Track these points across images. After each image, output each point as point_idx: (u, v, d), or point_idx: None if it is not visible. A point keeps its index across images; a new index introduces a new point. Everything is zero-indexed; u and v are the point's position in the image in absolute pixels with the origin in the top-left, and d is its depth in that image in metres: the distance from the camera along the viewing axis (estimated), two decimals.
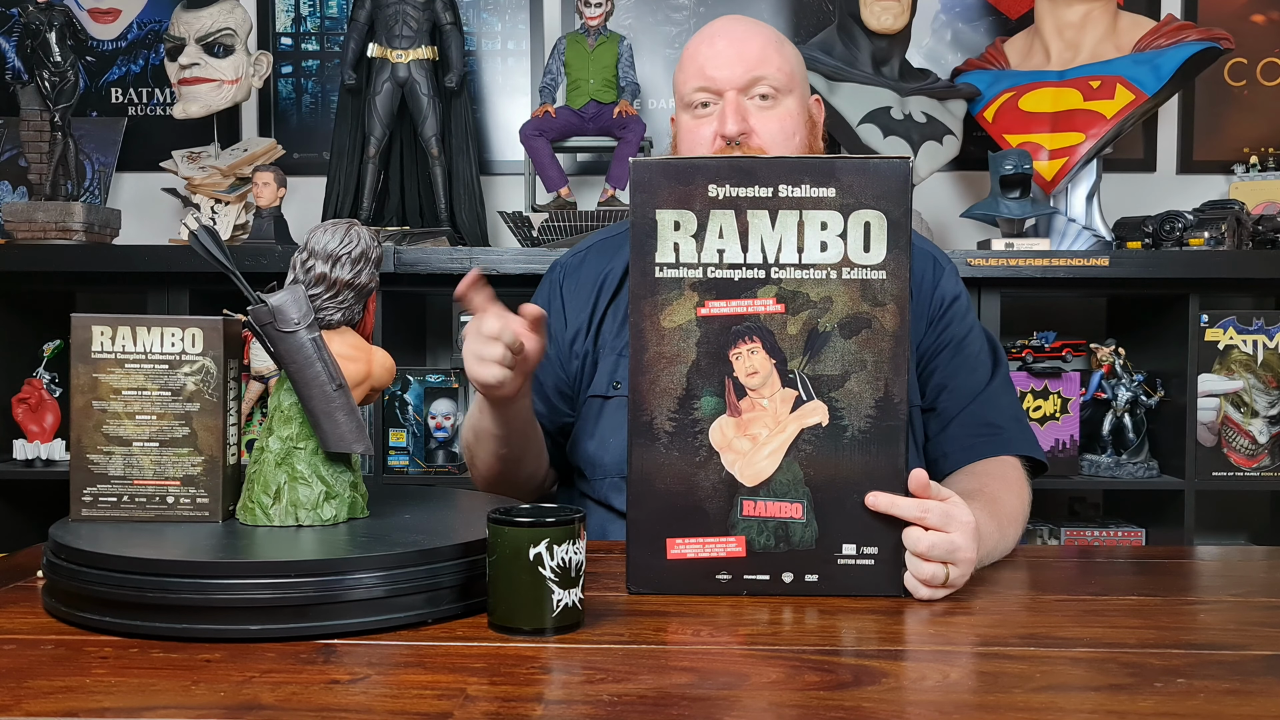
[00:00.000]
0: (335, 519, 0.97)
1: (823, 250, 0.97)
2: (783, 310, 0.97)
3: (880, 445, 0.97)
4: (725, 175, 0.97)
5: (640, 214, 0.98)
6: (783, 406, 0.98)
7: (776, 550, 0.98)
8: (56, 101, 2.27)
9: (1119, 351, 2.25)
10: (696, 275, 0.97)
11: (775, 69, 1.29)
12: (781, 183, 0.97)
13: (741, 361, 0.98)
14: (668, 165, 0.98)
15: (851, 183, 0.96)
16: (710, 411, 0.98)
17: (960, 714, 0.70)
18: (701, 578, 0.98)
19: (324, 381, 0.94)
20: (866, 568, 0.98)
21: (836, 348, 0.97)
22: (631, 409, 0.99)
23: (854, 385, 0.97)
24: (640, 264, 0.98)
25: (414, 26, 2.35)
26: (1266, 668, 0.80)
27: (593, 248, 1.44)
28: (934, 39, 2.61)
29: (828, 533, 0.98)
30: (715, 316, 0.97)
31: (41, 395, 2.26)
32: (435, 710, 0.70)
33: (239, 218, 2.39)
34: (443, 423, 2.25)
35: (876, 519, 0.97)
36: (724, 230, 0.97)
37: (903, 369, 0.97)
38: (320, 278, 0.95)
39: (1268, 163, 2.53)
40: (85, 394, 0.98)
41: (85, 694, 0.72)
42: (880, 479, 0.97)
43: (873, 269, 0.97)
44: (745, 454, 0.98)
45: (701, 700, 0.73)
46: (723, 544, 0.98)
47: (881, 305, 0.97)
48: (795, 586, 0.98)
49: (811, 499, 0.98)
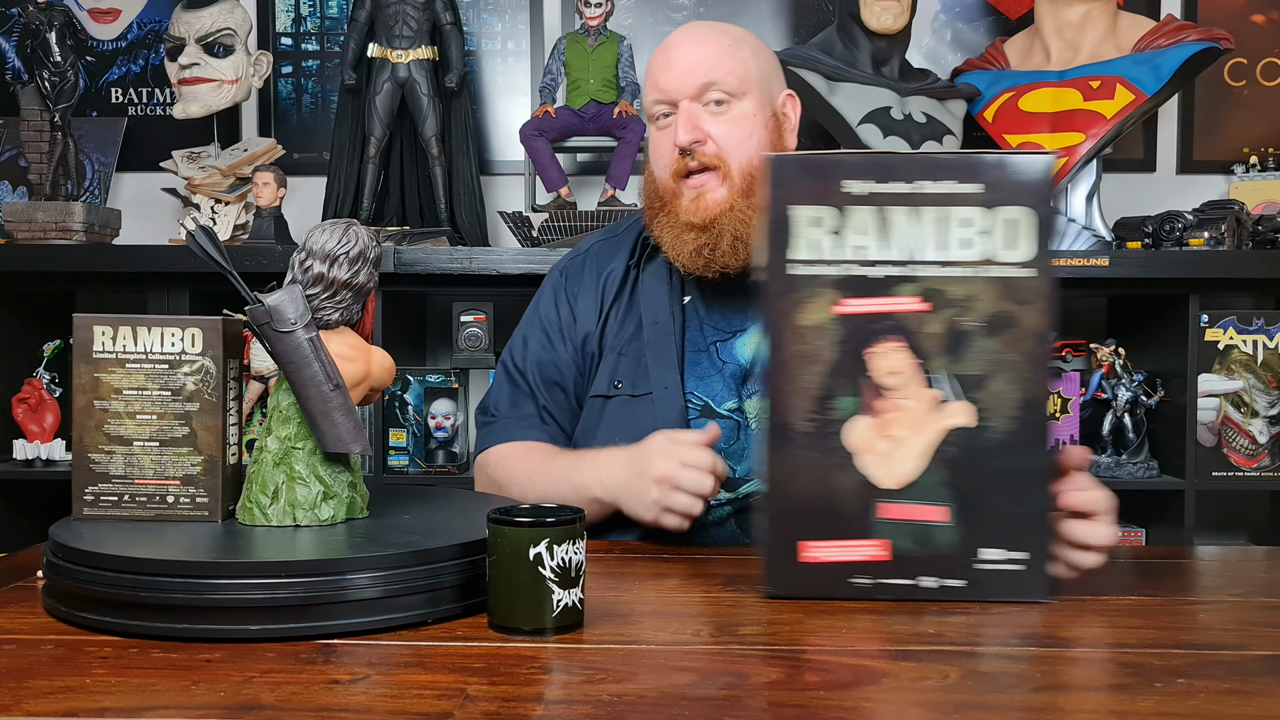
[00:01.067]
0: (333, 519, 0.97)
1: (965, 247, 0.94)
2: (925, 308, 0.95)
3: (1026, 446, 0.95)
4: (865, 171, 0.94)
5: (776, 210, 0.95)
6: (924, 407, 0.95)
7: (918, 554, 0.95)
8: (56, 101, 2.27)
9: (1119, 351, 2.25)
10: (834, 273, 0.95)
11: (725, 73, 1.28)
12: (923, 178, 0.94)
13: (881, 361, 0.95)
14: (805, 161, 0.96)
15: (995, 178, 0.94)
16: (848, 412, 0.95)
17: (960, 714, 0.70)
18: (837, 581, 0.96)
19: (321, 381, 0.94)
20: (1013, 572, 0.95)
21: (980, 347, 0.94)
22: (771, 408, 0.97)
23: (998, 386, 0.94)
24: (775, 261, 0.95)
25: (414, 26, 2.35)
26: (1266, 668, 0.80)
27: (592, 249, 1.45)
28: (934, 39, 2.61)
29: (971, 536, 0.95)
30: (854, 315, 0.95)
31: (41, 395, 2.26)
32: (435, 710, 0.70)
33: (239, 218, 2.39)
34: (443, 423, 2.25)
35: (1023, 522, 0.95)
36: (863, 227, 0.95)
37: (1045, 369, 0.95)
38: (318, 278, 0.95)
39: (1267, 163, 2.53)
40: (87, 393, 0.99)
41: (85, 694, 0.72)
42: (1026, 481, 0.95)
43: (1017, 266, 0.94)
44: (885, 455, 0.96)
45: (701, 700, 0.73)
46: (861, 547, 0.96)
47: (1026, 304, 0.94)
48: (937, 592, 0.96)
49: (954, 501, 0.95)
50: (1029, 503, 0.95)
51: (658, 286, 1.37)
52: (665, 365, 1.32)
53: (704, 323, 1.35)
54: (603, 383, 1.35)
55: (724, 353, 1.34)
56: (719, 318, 1.35)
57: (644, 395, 1.32)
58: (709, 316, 1.36)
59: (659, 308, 1.35)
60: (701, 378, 1.33)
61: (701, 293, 1.36)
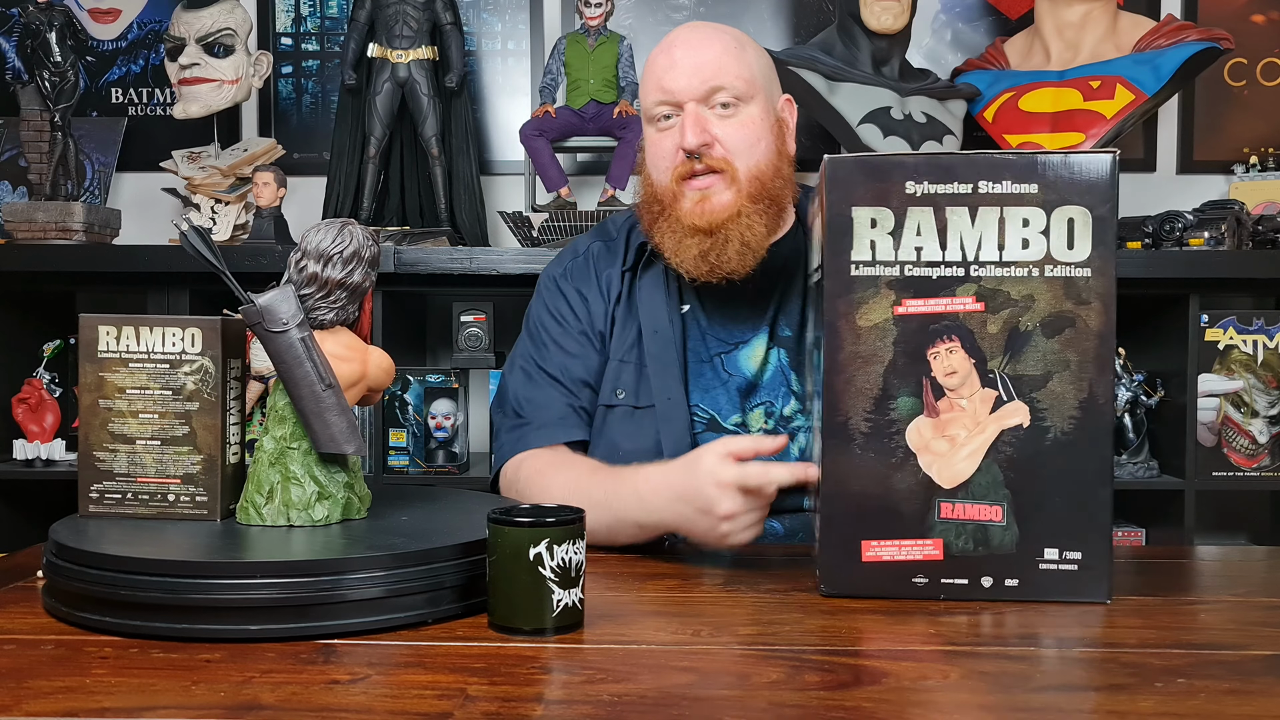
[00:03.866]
0: (327, 520, 0.97)
1: (1024, 247, 0.95)
2: (982, 309, 0.95)
3: (1085, 447, 0.95)
4: (924, 172, 0.95)
5: (835, 211, 0.96)
6: (982, 407, 0.95)
7: (975, 554, 0.96)
8: (56, 101, 2.27)
9: (1119, 351, 2.25)
10: (894, 273, 0.95)
11: (734, 77, 1.25)
12: (982, 179, 0.95)
13: (940, 361, 0.96)
14: (864, 162, 0.96)
15: (1055, 178, 0.94)
16: (907, 412, 0.96)
17: (960, 714, 0.70)
18: (896, 581, 0.97)
19: (313, 381, 0.94)
20: (1070, 573, 0.96)
21: (1038, 347, 0.95)
22: (826, 409, 0.97)
23: (1056, 386, 0.95)
24: (835, 262, 0.96)
25: (414, 26, 2.35)
26: (1266, 668, 0.80)
27: (590, 250, 1.41)
28: (934, 39, 2.61)
29: (1029, 536, 0.95)
30: (913, 315, 0.95)
31: (41, 395, 2.26)
32: (435, 710, 0.70)
33: (239, 218, 2.39)
34: (443, 423, 2.25)
35: (1081, 522, 0.95)
36: (922, 227, 0.95)
37: (1108, 369, 0.95)
38: (312, 277, 0.95)
39: (1268, 163, 2.53)
40: (92, 392, 1.00)
41: (85, 694, 0.72)
42: (1084, 481, 0.95)
43: (1076, 266, 0.94)
44: (943, 455, 0.96)
45: (701, 700, 0.73)
46: (920, 547, 0.96)
47: (1086, 304, 0.94)
48: (994, 591, 0.96)
49: (1012, 501, 0.95)
50: (1086, 503, 0.95)
51: (655, 294, 1.33)
52: (668, 377, 1.30)
53: (705, 333, 1.33)
54: (606, 391, 1.33)
55: (728, 365, 1.32)
56: (720, 328, 1.33)
57: (647, 407, 1.30)
58: (710, 327, 1.33)
59: (658, 317, 1.32)
60: (706, 390, 1.31)
61: (701, 302, 1.33)
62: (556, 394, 1.33)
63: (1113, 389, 0.95)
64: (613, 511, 1.14)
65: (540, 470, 1.27)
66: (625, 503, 1.14)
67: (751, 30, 2.57)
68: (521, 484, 1.28)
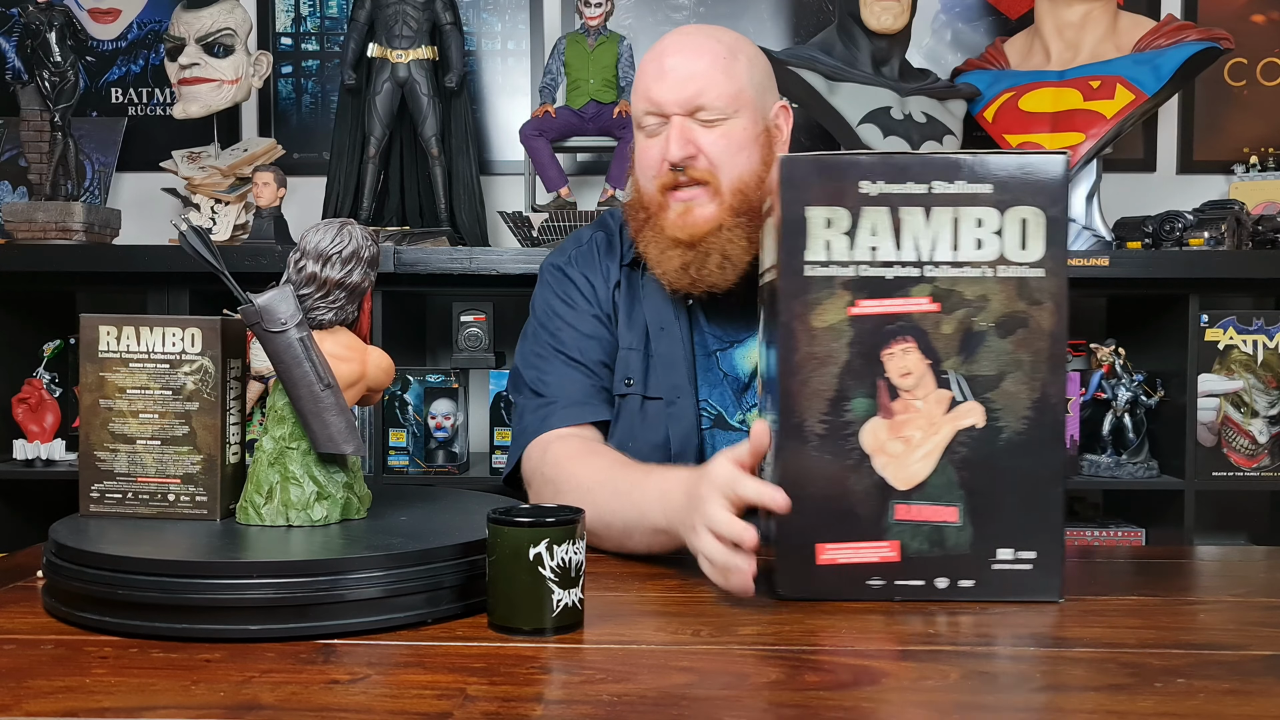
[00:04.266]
0: (326, 520, 0.97)
1: (978, 248, 0.95)
2: (938, 309, 0.95)
3: (1038, 446, 0.95)
4: (878, 172, 0.95)
5: (790, 211, 0.96)
6: (937, 408, 0.95)
7: (930, 555, 0.96)
8: (56, 101, 2.27)
9: (1119, 351, 2.25)
10: (848, 274, 0.95)
11: (719, 93, 1.24)
12: (936, 179, 0.95)
13: (895, 362, 0.95)
14: (819, 162, 0.96)
15: (1008, 179, 0.94)
16: (862, 413, 0.95)
17: (960, 714, 0.70)
18: (852, 584, 0.96)
19: (312, 381, 0.94)
20: (1024, 572, 0.96)
21: (992, 347, 0.95)
22: (782, 411, 0.96)
23: (1010, 386, 0.95)
24: (790, 263, 0.96)
25: (414, 26, 2.35)
26: (1266, 668, 0.80)
27: (594, 240, 1.40)
28: (934, 39, 2.61)
29: (983, 536, 0.96)
30: (867, 316, 0.95)
31: (41, 395, 2.26)
32: (435, 710, 0.70)
33: (239, 218, 2.39)
34: (443, 423, 2.25)
35: (1034, 522, 0.95)
36: (877, 227, 0.95)
37: (1060, 369, 0.95)
38: (311, 277, 0.95)
39: (1268, 163, 2.53)
40: (93, 392, 1.00)
41: (85, 694, 0.72)
42: (1038, 481, 0.95)
43: (1030, 266, 0.95)
44: (898, 456, 0.96)
45: (701, 700, 0.73)
46: (875, 549, 0.96)
47: (1039, 304, 0.95)
48: (949, 592, 0.96)
49: (967, 502, 0.96)
50: (1039, 502, 0.95)
51: (659, 289, 1.33)
52: (676, 371, 1.30)
53: (705, 330, 1.33)
54: (616, 379, 1.33)
55: (723, 363, 1.32)
56: (718, 326, 1.33)
57: (655, 399, 1.30)
58: (709, 325, 1.33)
59: (664, 312, 1.32)
60: (713, 385, 1.31)
61: (701, 298, 1.33)
62: (577, 374, 1.31)
63: (1064, 389, 0.96)
64: (635, 507, 1.10)
65: (569, 455, 1.22)
66: (648, 499, 1.08)
67: (751, 30, 2.57)
68: (549, 466, 1.23)
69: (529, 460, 1.29)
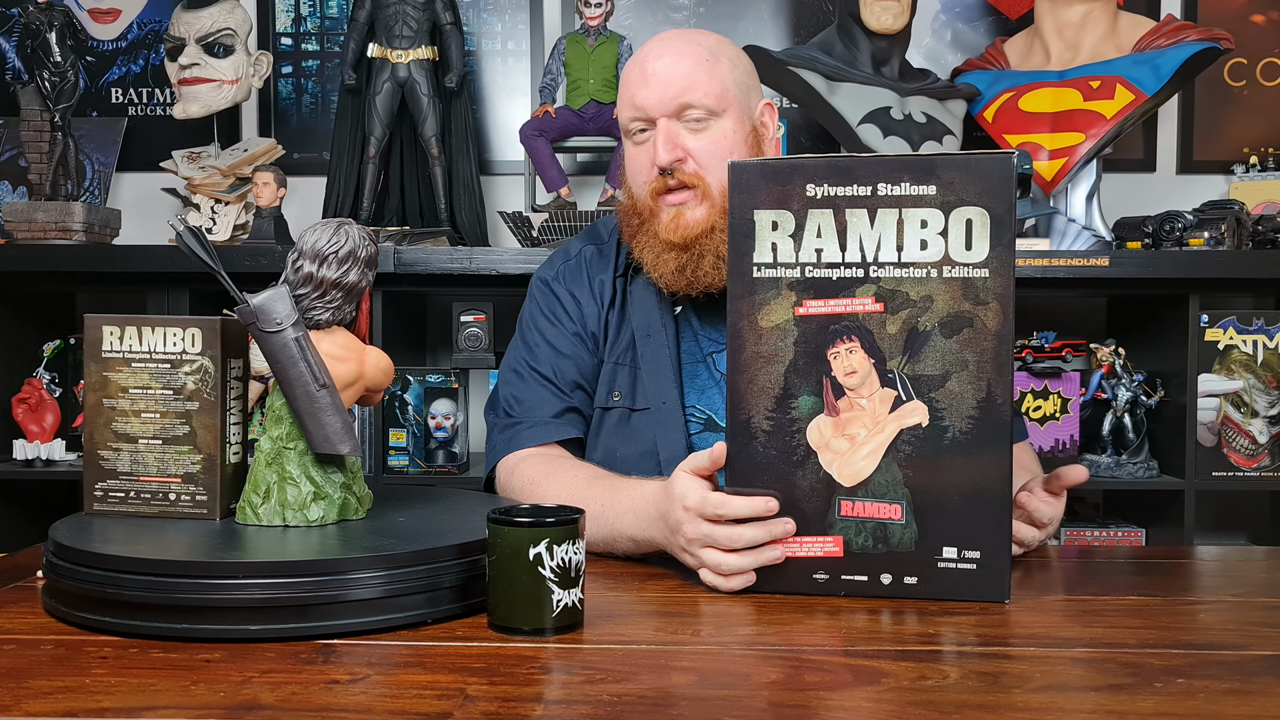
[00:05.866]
0: (322, 520, 0.97)
1: (923, 248, 0.96)
2: (881, 309, 0.96)
3: (983, 447, 0.95)
4: (823, 175, 0.96)
5: (738, 215, 0.98)
6: (881, 406, 0.96)
7: (875, 551, 0.97)
8: (56, 101, 2.27)
9: (1119, 351, 2.25)
10: (794, 275, 0.97)
11: (703, 93, 1.25)
12: (881, 181, 0.96)
13: (840, 361, 0.97)
14: (765, 166, 0.98)
15: (953, 179, 0.95)
16: (808, 411, 0.97)
17: (960, 714, 0.70)
18: (797, 577, 0.98)
19: (308, 381, 0.94)
20: (968, 572, 0.96)
21: (937, 347, 0.96)
22: (730, 407, 0.99)
23: (955, 385, 0.96)
24: (738, 264, 0.98)
25: (414, 26, 2.35)
26: (1266, 668, 0.80)
27: (582, 254, 1.40)
28: (934, 39, 2.61)
29: (928, 535, 0.96)
30: (813, 316, 0.97)
31: (41, 395, 2.26)
32: (435, 710, 0.70)
33: (239, 218, 2.39)
34: (443, 423, 2.25)
35: (979, 522, 0.96)
36: (822, 229, 0.97)
37: (1006, 369, 0.95)
38: (308, 277, 0.95)
39: (1267, 163, 2.53)
40: (96, 391, 1.00)
41: (85, 694, 0.72)
42: (983, 481, 0.95)
43: (975, 267, 0.95)
44: (843, 454, 0.97)
45: (701, 700, 0.73)
46: (820, 544, 0.98)
47: (984, 304, 0.95)
48: (894, 589, 0.97)
49: (911, 500, 0.96)
50: (984, 503, 0.96)
51: (647, 297, 1.33)
52: (662, 379, 1.30)
53: (698, 334, 1.33)
54: (602, 393, 1.33)
55: (720, 364, 1.31)
56: (712, 328, 1.33)
57: (642, 410, 1.30)
58: (703, 327, 1.33)
59: (650, 319, 1.33)
60: (702, 390, 1.31)
61: (693, 302, 1.33)
62: (548, 394, 1.33)
63: (1011, 389, 0.96)
64: (609, 526, 1.13)
65: (534, 479, 1.25)
66: (620, 517, 1.13)
67: (751, 31, 2.57)
68: (515, 490, 1.26)
69: (498, 480, 1.32)
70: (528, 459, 1.29)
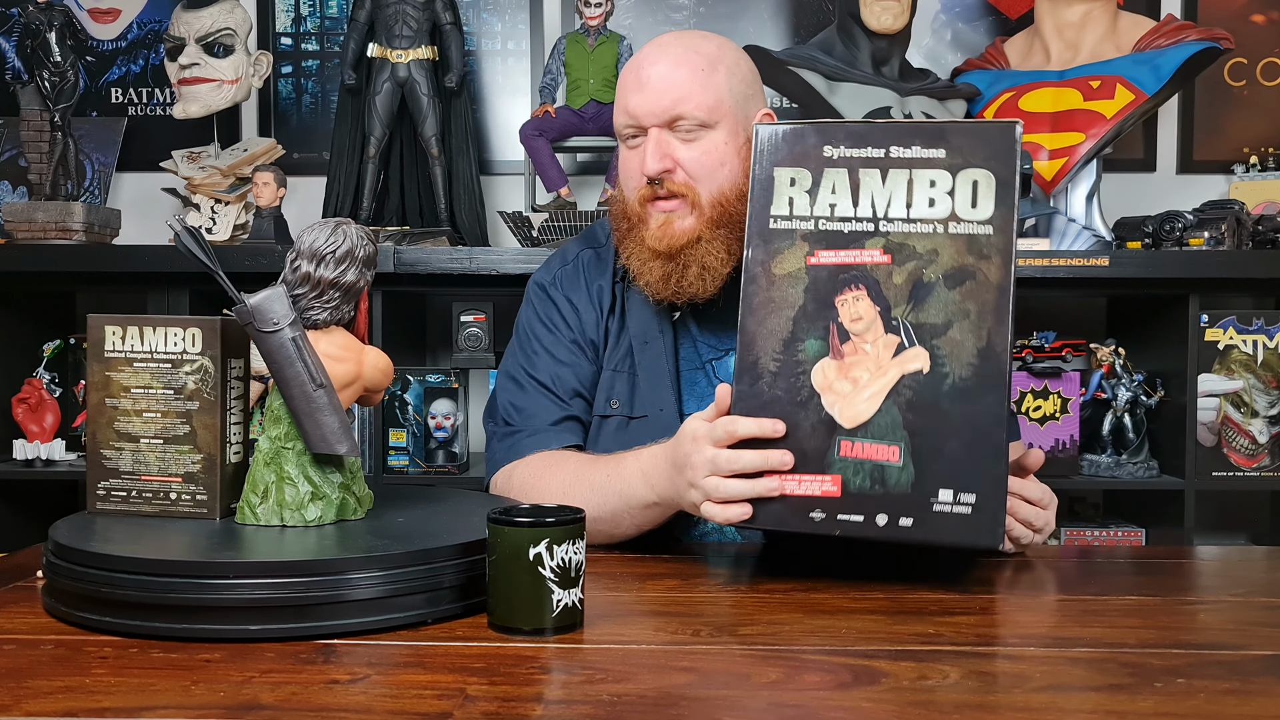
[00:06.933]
0: (320, 520, 0.97)
1: (930, 206, 1.00)
2: (889, 261, 1.00)
3: (981, 393, 0.97)
4: (840, 138, 1.03)
5: (760, 171, 1.04)
6: (885, 351, 0.99)
7: (872, 492, 0.98)
8: (56, 101, 2.27)
9: (1119, 351, 2.25)
10: (808, 227, 1.02)
11: (696, 105, 1.23)
12: (893, 144, 1.01)
13: (846, 308, 1.01)
14: (788, 130, 1.04)
15: (961, 144, 1.00)
16: (814, 354, 1.01)
17: (960, 714, 0.70)
18: (795, 514, 1.00)
19: (304, 381, 0.94)
20: (963, 515, 0.97)
21: (940, 297, 0.99)
22: (740, 349, 1.02)
23: (956, 334, 0.98)
24: (758, 216, 1.04)
25: (414, 26, 2.35)
26: (1266, 668, 0.80)
27: (580, 258, 1.40)
28: (934, 39, 2.61)
29: (924, 477, 0.98)
30: (824, 265, 1.02)
31: (41, 395, 2.26)
32: (435, 710, 0.70)
33: (239, 218, 2.39)
34: (443, 423, 2.25)
35: (975, 467, 0.97)
36: (836, 186, 1.02)
37: (1005, 320, 0.98)
38: (305, 277, 0.95)
39: (1268, 163, 2.53)
40: (99, 391, 1.00)
41: (85, 694, 0.72)
42: (980, 427, 0.97)
43: (979, 224, 0.99)
44: (845, 396, 1.00)
45: (701, 700, 0.73)
46: (818, 482, 0.99)
47: (986, 259, 0.98)
48: (889, 530, 0.98)
49: (909, 443, 0.98)
50: (981, 447, 0.97)
51: (645, 304, 1.32)
52: (660, 387, 1.29)
53: (697, 340, 1.32)
54: (600, 401, 1.32)
55: (720, 371, 1.31)
56: (711, 335, 1.32)
57: (640, 418, 1.29)
58: (702, 334, 1.33)
59: (648, 326, 1.32)
60: (701, 397, 1.30)
61: (693, 309, 1.32)
62: (548, 402, 1.32)
63: (1009, 339, 0.98)
64: (618, 494, 1.14)
65: (534, 474, 1.25)
66: (630, 483, 1.14)
67: (751, 31, 2.57)
68: (516, 487, 1.26)
69: (495, 487, 1.32)
70: (525, 462, 1.28)
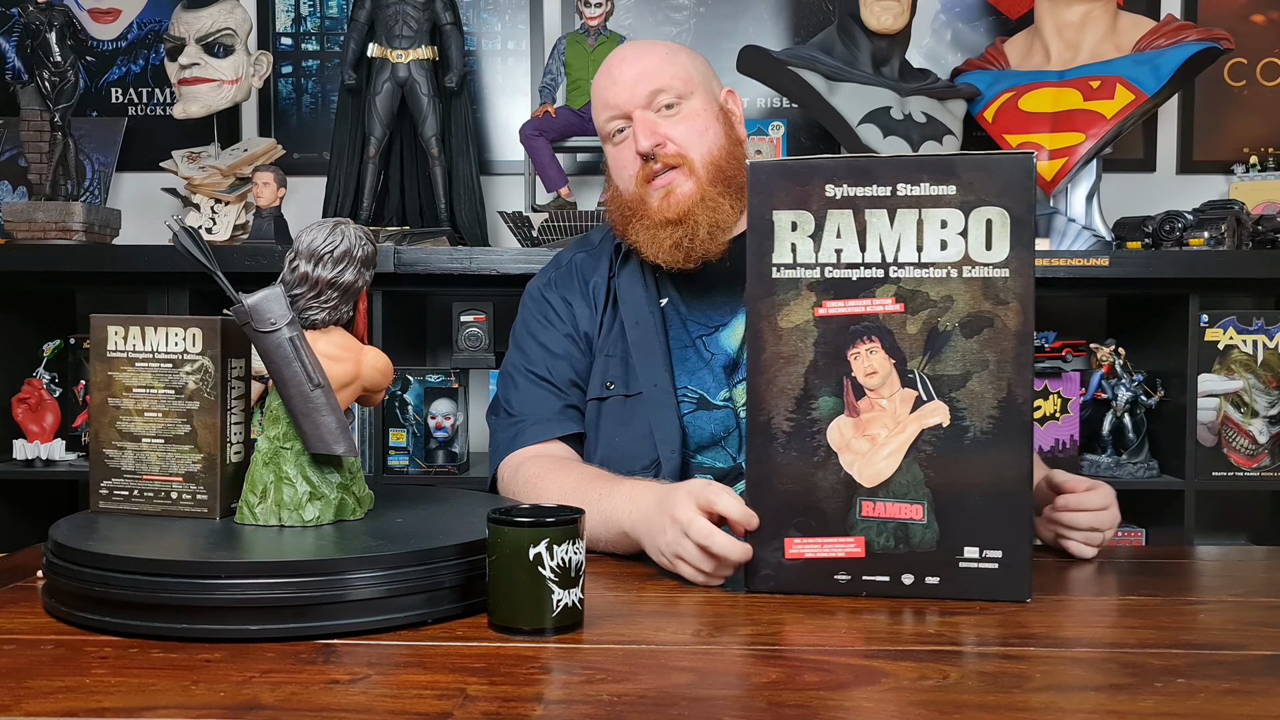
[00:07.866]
0: (318, 520, 0.97)
1: (943, 249, 0.96)
2: (902, 309, 0.96)
3: (1004, 446, 0.95)
4: (842, 175, 0.97)
5: (757, 216, 0.98)
6: (902, 407, 0.97)
7: (896, 551, 0.97)
8: (56, 101, 2.26)
9: (1119, 351, 2.25)
10: (814, 275, 0.97)
11: (670, 77, 1.33)
12: (900, 181, 0.96)
13: (860, 361, 0.97)
14: (784, 167, 0.98)
15: (972, 179, 0.95)
16: (828, 412, 0.97)
17: (960, 714, 0.70)
18: (820, 578, 0.98)
19: (302, 381, 0.94)
20: (990, 571, 0.96)
21: (957, 347, 0.96)
22: (750, 409, 0.99)
23: (975, 385, 0.96)
24: (757, 265, 0.98)
25: (414, 26, 2.34)
26: (1266, 668, 0.80)
27: (573, 261, 1.45)
28: (934, 39, 2.61)
29: (949, 535, 0.96)
30: (833, 316, 0.97)
31: (41, 395, 2.26)
32: (435, 710, 0.70)
33: (239, 218, 2.39)
34: (443, 423, 2.25)
35: (1001, 522, 0.95)
36: (841, 230, 0.97)
37: (1026, 369, 0.95)
38: (303, 277, 0.95)
39: (1267, 163, 2.53)
40: (101, 391, 1.01)
41: (85, 694, 0.72)
42: (1004, 481, 0.95)
43: (995, 267, 0.95)
44: (864, 454, 0.97)
45: (701, 700, 0.73)
46: (841, 544, 0.98)
47: (1004, 304, 0.95)
48: (915, 589, 0.97)
49: (932, 500, 0.96)
50: (1005, 502, 0.96)
51: (634, 289, 1.38)
52: (653, 363, 1.33)
53: (686, 320, 1.37)
54: (596, 385, 1.36)
55: (710, 345, 1.35)
56: (700, 314, 1.37)
57: (636, 395, 1.33)
58: (690, 315, 1.37)
59: (639, 310, 1.36)
60: (692, 372, 1.34)
61: (679, 292, 1.37)
62: (546, 393, 1.37)
63: (1031, 388, 0.96)
64: (604, 512, 1.15)
65: (539, 473, 1.27)
66: (616, 504, 1.14)
67: (751, 30, 2.57)
68: (520, 486, 1.29)
69: (502, 479, 1.34)
70: (532, 459, 1.31)
